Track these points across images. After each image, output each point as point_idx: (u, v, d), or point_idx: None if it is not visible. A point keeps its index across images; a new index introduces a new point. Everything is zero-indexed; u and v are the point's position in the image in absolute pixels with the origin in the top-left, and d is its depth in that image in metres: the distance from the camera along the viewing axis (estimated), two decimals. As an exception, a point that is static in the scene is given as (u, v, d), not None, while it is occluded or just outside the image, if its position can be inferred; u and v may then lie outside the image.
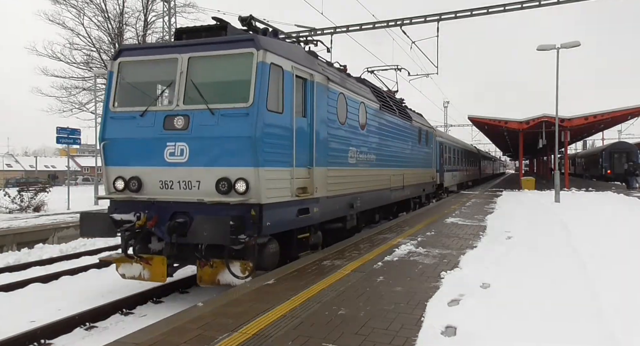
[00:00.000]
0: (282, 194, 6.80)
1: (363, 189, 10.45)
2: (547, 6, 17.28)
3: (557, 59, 19.00)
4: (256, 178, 6.22)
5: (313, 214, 7.80)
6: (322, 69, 8.49)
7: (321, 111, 8.11)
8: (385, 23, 19.03)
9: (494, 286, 5.60)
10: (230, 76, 6.82)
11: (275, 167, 6.61)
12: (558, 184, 18.59)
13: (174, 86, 6.73)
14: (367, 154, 10.77)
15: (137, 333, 4.28)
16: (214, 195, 6.30)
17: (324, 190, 8.16)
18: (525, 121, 27.61)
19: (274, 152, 6.58)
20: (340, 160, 9.06)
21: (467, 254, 7.61)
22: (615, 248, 8.05)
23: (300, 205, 7.37)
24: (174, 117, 6.59)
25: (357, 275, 6.33)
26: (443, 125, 60.17)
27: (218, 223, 5.88)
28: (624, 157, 37.71)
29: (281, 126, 6.81)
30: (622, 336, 3.89)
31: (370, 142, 11.03)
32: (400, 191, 13.90)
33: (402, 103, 16.03)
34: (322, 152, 8.11)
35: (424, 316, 4.58)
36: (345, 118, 9.35)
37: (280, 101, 6.84)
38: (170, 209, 6.54)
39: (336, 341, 4.02)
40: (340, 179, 8.96)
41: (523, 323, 4.32)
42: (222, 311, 4.82)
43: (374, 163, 11.36)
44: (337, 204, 8.89)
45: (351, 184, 9.64)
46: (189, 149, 6.46)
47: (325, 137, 8.30)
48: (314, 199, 7.81)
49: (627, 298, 5.05)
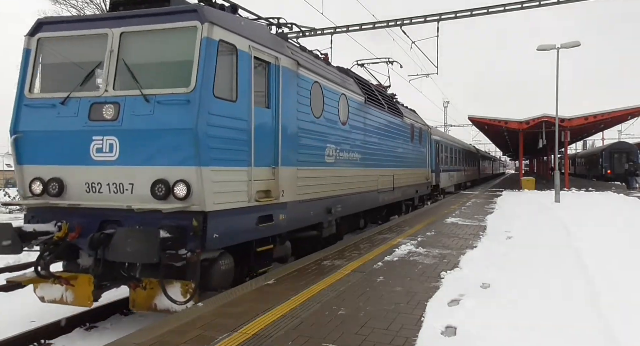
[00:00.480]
0: (235, 199, 5.78)
1: (344, 191, 9.39)
2: (547, 6, 17.27)
3: (557, 59, 19.02)
4: (199, 180, 5.18)
5: (278, 222, 6.73)
6: (291, 52, 7.42)
7: (289, 102, 7.08)
8: (385, 23, 19.00)
9: (494, 286, 5.61)
10: (170, 55, 5.74)
11: (226, 166, 5.59)
12: (558, 184, 18.59)
13: (103, 67, 5.63)
14: (349, 152, 9.69)
15: (137, 333, 4.28)
16: (149, 201, 5.27)
17: (293, 193, 7.16)
18: (525, 121, 27.60)
19: (224, 149, 5.58)
20: (315, 159, 8.04)
21: (467, 254, 7.61)
22: (615, 248, 8.04)
23: (262, 212, 6.33)
24: (102, 106, 5.51)
25: (357, 275, 6.33)
26: (443, 125, 60.18)
27: (143, 237, 4.84)
28: (624, 157, 37.72)
29: (234, 116, 5.76)
30: (622, 336, 3.89)
31: (353, 139, 9.96)
32: (390, 193, 12.92)
33: (394, 98, 15.11)
34: (290, 149, 7.08)
35: (424, 316, 4.58)
36: (321, 111, 8.30)
37: (234, 86, 5.81)
38: (98, 217, 5.51)
39: (336, 341, 4.02)
40: (314, 180, 7.94)
41: (523, 323, 4.32)
42: (222, 311, 4.82)
43: (359, 163, 10.33)
44: (310, 209, 7.83)
45: (329, 186, 8.62)
46: (120, 145, 5.40)
47: (294, 132, 7.25)
48: (279, 205, 6.76)
49: (627, 298, 5.05)
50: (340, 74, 9.93)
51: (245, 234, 6.08)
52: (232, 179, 5.74)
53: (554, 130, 20.97)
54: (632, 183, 30.48)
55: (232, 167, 5.74)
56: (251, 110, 6.09)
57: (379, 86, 14.57)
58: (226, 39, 5.68)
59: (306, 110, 7.71)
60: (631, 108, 26.32)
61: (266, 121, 6.52)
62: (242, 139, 5.94)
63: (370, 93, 11.55)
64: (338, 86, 9.24)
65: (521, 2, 17.33)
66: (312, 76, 8.00)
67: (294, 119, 7.26)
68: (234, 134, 5.79)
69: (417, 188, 16.44)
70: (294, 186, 7.21)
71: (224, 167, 5.56)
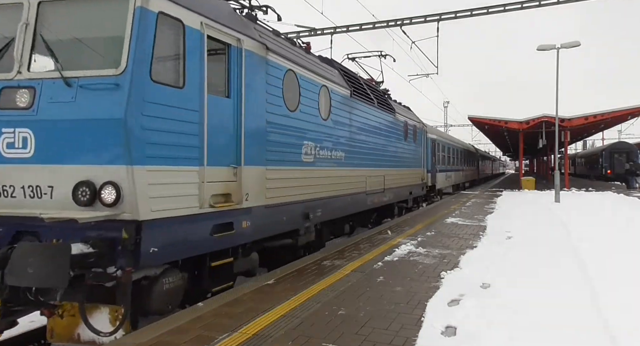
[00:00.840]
0: (182, 204, 4.87)
1: (326, 194, 8.48)
2: (547, 6, 17.28)
3: (557, 59, 19.03)
4: (131, 182, 4.27)
5: (241, 230, 5.85)
6: (258, 35, 6.50)
7: (256, 91, 6.19)
8: (385, 23, 19.02)
9: (494, 286, 5.61)
10: (97, 30, 4.72)
11: (168, 165, 4.70)
12: (558, 184, 18.60)
13: (16, 44, 4.67)
14: (332, 150, 8.79)
15: (137, 333, 4.28)
16: (71, 207, 4.37)
17: (260, 197, 6.28)
18: (525, 121, 27.61)
19: (165, 145, 4.67)
20: (289, 158, 7.14)
21: (467, 254, 7.61)
22: (615, 247, 8.04)
23: (218, 219, 5.43)
24: (13, 91, 4.57)
25: (357, 275, 6.32)
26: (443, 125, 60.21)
27: (49, 255, 3.91)
28: (624, 157, 37.74)
29: (181, 106, 4.86)
30: (622, 336, 3.89)
31: (336, 136, 9.06)
32: (380, 194, 12.00)
33: (386, 94, 14.25)
34: (257, 146, 6.20)
35: (424, 316, 4.58)
36: (297, 104, 7.39)
37: (180, 70, 4.93)
38: (11, 227, 4.57)
39: (336, 341, 4.02)
40: (288, 182, 7.08)
41: (523, 323, 4.32)
42: (222, 311, 4.82)
43: (343, 162, 9.40)
44: (283, 214, 6.93)
45: (307, 188, 7.72)
46: (35, 138, 4.46)
47: (262, 126, 6.35)
48: (242, 210, 5.86)
49: (627, 298, 5.05)
50: (321, 64, 9.03)
51: (196, 246, 5.13)
52: (177, 181, 4.82)
53: (554, 130, 20.97)
54: (632, 183, 30.48)
55: (177, 166, 4.83)
56: (204, 99, 5.18)
57: (370, 80, 13.81)
58: (168, 11, 4.79)
59: (278, 102, 6.81)
60: (631, 108, 26.32)
61: (225, 113, 5.61)
62: (191, 133, 5.02)
63: (357, 86, 10.68)
64: (318, 76, 8.33)
65: (521, 2, 17.34)
66: (285, 63, 7.09)
67: (261, 112, 6.34)
68: (180, 127, 4.87)
69: (410, 189, 15.47)
70: (261, 189, 6.32)
71: (165, 167, 4.66)
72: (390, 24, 18.91)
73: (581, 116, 26.73)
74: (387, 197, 12.68)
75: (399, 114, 13.94)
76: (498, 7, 17.67)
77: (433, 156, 20.23)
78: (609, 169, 39.18)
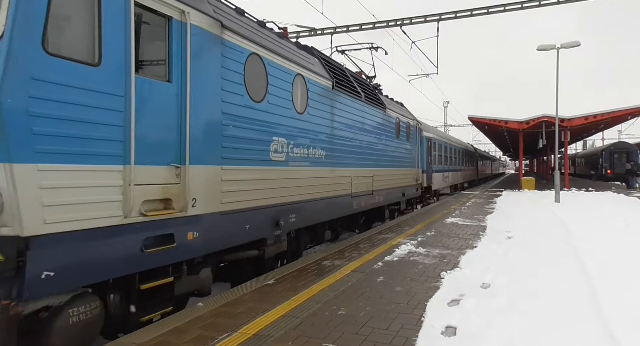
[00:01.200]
0: (96, 213, 3.93)
1: (302, 197, 7.58)
2: (547, 6, 17.28)
3: (557, 59, 19.03)
4: (11, 185, 3.35)
5: (185, 243, 4.87)
6: (212, 9, 5.58)
7: (207, 76, 5.26)
8: (385, 23, 19.03)
9: (494, 286, 5.61)
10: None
11: (73, 163, 3.77)
12: (558, 184, 18.60)
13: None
14: (309, 148, 7.84)
15: (137, 333, 4.28)
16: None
17: (214, 202, 5.34)
18: (525, 121, 27.61)
19: (70, 137, 3.74)
20: (254, 156, 6.22)
21: (467, 254, 7.62)
22: (615, 247, 8.04)
23: (152, 230, 4.49)
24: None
25: (357, 275, 6.32)
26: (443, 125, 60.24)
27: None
28: (624, 157, 37.77)
29: (94, 88, 3.93)
30: (622, 336, 3.89)
31: (315, 132, 8.12)
32: (368, 197, 11.09)
33: (377, 89, 13.43)
34: (208, 142, 5.26)
35: (424, 316, 4.58)
36: (264, 93, 6.47)
37: (93, 42, 3.98)
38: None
39: (336, 341, 4.02)
40: (252, 184, 6.17)
41: (523, 323, 4.32)
42: (222, 311, 4.82)
43: (324, 161, 8.47)
44: (245, 222, 5.99)
45: (277, 190, 6.78)
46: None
47: (216, 118, 5.43)
48: (187, 219, 4.89)
49: (627, 298, 5.05)
50: (298, 51, 8.09)
51: (117, 265, 4.14)
52: (89, 184, 3.88)
53: (554, 130, 20.97)
54: (632, 183, 30.48)
55: (89, 165, 3.89)
56: (130, 81, 4.24)
57: (359, 73, 13.05)
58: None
59: (238, 90, 5.89)
60: (631, 108, 26.31)
61: (164, 100, 4.64)
62: (112, 123, 4.09)
63: (341, 78, 9.73)
64: (292, 63, 7.41)
65: (521, 2, 17.35)
66: (248, 46, 6.15)
67: (215, 101, 5.42)
68: (94, 115, 3.93)
69: (404, 190, 14.63)
70: (215, 192, 5.39)
71: (68, 165, 3.72)
72: (390, 24, 18.92)
73: (581, 116, 26.72)
74: (377, 199, 11.80)
75: (391, 110, 13.09)
76: (498, 7, 17.67)
77: (429, 156, 19.38)
78: (609, 169, 39.21)
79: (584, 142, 68.86)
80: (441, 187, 23.26)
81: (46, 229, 3.53)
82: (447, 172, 25.00)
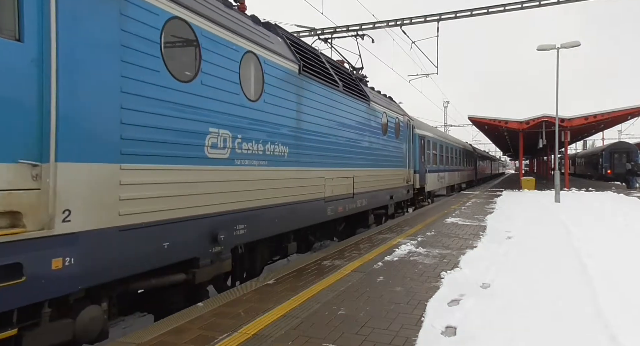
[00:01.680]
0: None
1: (254, 203, 6.20)
2: (548, 6, 17.28)
3: (557, 59, 19.05)
4: None
5: (46, 275, 3.47)
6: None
7: (92, 38, 3.89)
8: (385, 23, 19.03)
9: (494, 286, 5.61)
10: None
11: None
12: (558, 184, 18.61)
13: None
14: (265, 144, 6.49)
15: (137, 333, 4.28)
16: None
17: (105, 213, 4.00)
18: (526, 121, 27.62)
19: None
20: (177, 151, 4.80)
21: (467, 254, 7.62)
22: (615, 247, 8.05)
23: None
24: None
25: (357, 275, 6.33)
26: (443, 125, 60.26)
27: None
28: (624, 157, 37.81)
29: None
30: (622, 336, 3.89)
31: (274, 124, 6.75)
32: (348, 201, 9.70)
33: (362, 80, 12.02)
34: (95, 129, 3.93)
35: (424, 316, 4.58)
36: (195, 71, 5.14)
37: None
38: None
39: (336, 341, 4.03)
40: (174, 188, 4.75)
41: (523, 323, 4.32)
42: (222, 311, 4.82)
43: (287, 160, 7.12)
44: (160, 239, 4.59)
45: (216, 196, 5.40)
46: None
47: (110, 98, 4.06)
48: (52, 240, 3.52)
49: (627, 298, 5.06)
50: (252, 26, 6.66)
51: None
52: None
53: (554, 130, 20.97)
54: (633, 183, 30.48)
55: None
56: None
57: (340, 62, 11.68)
58: None
59: (150, 64, 4.53)
60: (631, 108, 26.32)
61: (5, 65, 3.28)
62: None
63: (312, 62, 8.35)
64: (242, 38, 6.04)
65: (521, 2, 17.34)
66: (169, 7, 4.80)
67: (108, 75, 4.05)
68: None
69: (392, 192, 13.11)
70: (109, 200, 4.04)
71: None
72: (390, 24, 18.92)
73: (581, 116, 26.74)
74: (359, 203, 10.40)
75: (376, 103, 11.61)
76: (498, 7, 17.67)
77: (422, 155, 18.00)
78: (609, 169, 39.23)
79: (584, 142, 68.91)
80: (436, 188, 22.06)
81: None
82: (442, 172, 23.77)
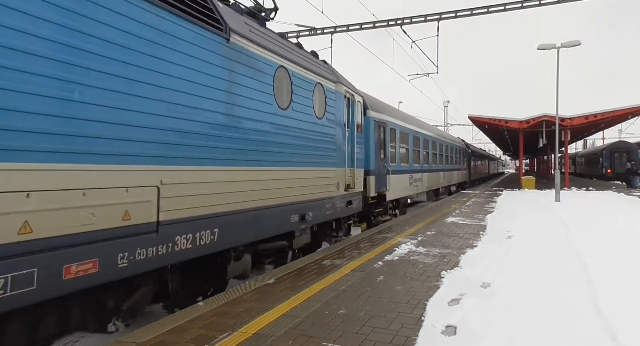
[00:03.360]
0: None
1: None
2: (548, 5, 17.28)
3: (558, 58, 19.03)
4: None
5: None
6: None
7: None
8: (385, 22, 19.03)
9: (495, 285, 5.60)
10: None
11: None
12: (558, 184, 18.60)
13: None
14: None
15: (137, 333, 4.28)
16: None
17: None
18: (526, 121, 27.60)
19: None
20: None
21: (467, 254, 7.61)
22: (615, 247, 8.04)
23: None
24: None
25: (357, 275, 6.32)
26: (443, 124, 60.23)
27: None
28: (624, 156, 37.81)
29: None
30: (622, 336, 3.89)
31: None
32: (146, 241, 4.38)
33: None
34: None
35: (424, 316, 4.58)
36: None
37: None
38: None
39: (336, 340, 4.02)
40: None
41: (523, 322, 4.32)
42: (222, 311, 4.82)
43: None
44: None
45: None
46: None
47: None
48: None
49: (627, 298, 5.05)
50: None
51: None
52: None
53: (554, 129, 20.96)
54: (634, 183, 30.45)
55: None
56: None
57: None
58: None
59: None
60: (631, 107, 26.30)
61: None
62: None
63: None
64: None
65: (521, 2, 17.33)
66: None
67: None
68: None
69: (303, 209, 7.51)
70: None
71: None
72: (391, 23, 18.91)
73: (581, 115, 26.72)
74: (171, 246, 4.75)
75: (253, 43, 6.12)
76: (498, 7, 17.67)
77: (381, 148, 13.02)
78: (609, 169, 39.23)
79: (584, 142, 68.92)
80: (406, 195, 16.28)
81: None
82: (417, 173, 17.98)
